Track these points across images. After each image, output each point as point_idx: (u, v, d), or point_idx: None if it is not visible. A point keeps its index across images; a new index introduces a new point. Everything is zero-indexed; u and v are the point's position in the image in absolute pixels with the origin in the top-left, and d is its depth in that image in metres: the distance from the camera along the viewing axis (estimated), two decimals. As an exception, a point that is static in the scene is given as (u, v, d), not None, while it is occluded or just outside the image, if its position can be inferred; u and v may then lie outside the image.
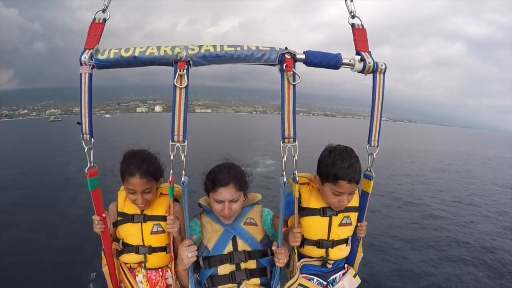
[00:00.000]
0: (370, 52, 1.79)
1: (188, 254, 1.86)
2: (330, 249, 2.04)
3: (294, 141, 1.71)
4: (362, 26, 1.81)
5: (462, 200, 17.65)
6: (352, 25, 1.80)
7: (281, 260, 1.88)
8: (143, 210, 2.11)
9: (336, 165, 1.83)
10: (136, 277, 2.15)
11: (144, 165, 1.97)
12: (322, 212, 2.00)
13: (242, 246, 2.01)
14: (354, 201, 2.04)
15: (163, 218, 2.06)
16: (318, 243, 2.02)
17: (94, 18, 1.72)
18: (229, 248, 2.00)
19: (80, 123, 1.71)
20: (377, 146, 1.89)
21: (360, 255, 2.17)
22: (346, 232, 2.06)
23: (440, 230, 12.71)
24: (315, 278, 2.09)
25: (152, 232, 2.09)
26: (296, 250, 2.02)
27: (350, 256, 2.16)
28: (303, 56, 1.69)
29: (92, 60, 1.63)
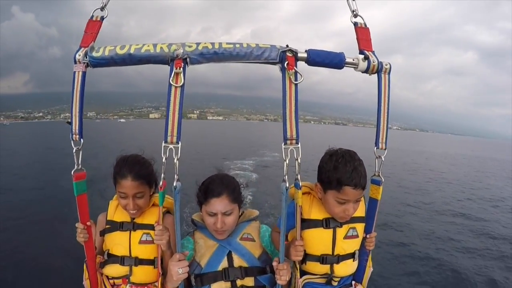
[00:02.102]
0: (374, 51, 1.71)
1: (178, 270, 1.69)
2: (335, 265, 1.84)
3: (297, 143, 1.59)
4: (365, 25, 1.74)
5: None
6: (355, 24, 1.74)
7: (283, 277, 1.71)
8: (133, 218, 2.01)
9: (339, 170, 1.66)
10: None
11: (136, 167, 1.92)
12: (325, 223, 1.82)
13: (238, 262, 1.86)
14: (360, 211, 1.86)
15: (154, 228, 1.93)
16: (322, 259, 1.83)
17: (92, 16, 1.67)
18: (223, 264, 1.85)
19: (70, 123, 1.64)
20: (385, 149, 1.75)
21: (369, 270, 1.96)
22: (352, 245, 1.87)
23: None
24: None
25: (140, 241, 1.98)
26: (298, 266, 1.83)
27: (358, 271, 1.95)
28: (305, 55, 1.62)
29: (86, 58, 1.58)
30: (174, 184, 1.56)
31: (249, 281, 1.83)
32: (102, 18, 1.70)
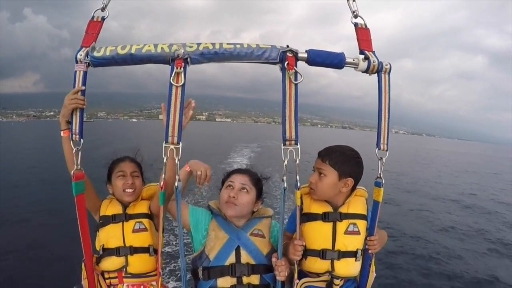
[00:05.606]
0: (374, 51, 1.71)
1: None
2: (335, 261, 1.79)
3: (296, 143, 1.59)
4: (365, 26, 1.74)
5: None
6: (355, 25, 1.74)
7: (281, 273, 1.72)
8: (125, 208, 2.09)
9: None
10: None
11: (131, 155, 2.28)
12: (324, 216, 1.82)
13: (245, 258, 1.85)
14: (361, 208, 1.87)
15: (146, 216, 2.08)
16: (322, 253, 1.79)
17: (93, 17, 1.69)
18: (231, 259, 1.84)
19: (70, 122, 1.64)
20: (387, 150, 1.73)
21: (372, 275, 1.89)
22: (353, 242, 1.81)
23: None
24: None
25: (133, 230, 2.04)
26: (296, 267, 1.80)
27: (362, 277, 1.88)
28: (305, 55, 1.62)
29: (87, 57, 1.59)
30: (176, 184, 1.58)
31: (255, 278, 1.83)
32: (103, 19, 1.71)
